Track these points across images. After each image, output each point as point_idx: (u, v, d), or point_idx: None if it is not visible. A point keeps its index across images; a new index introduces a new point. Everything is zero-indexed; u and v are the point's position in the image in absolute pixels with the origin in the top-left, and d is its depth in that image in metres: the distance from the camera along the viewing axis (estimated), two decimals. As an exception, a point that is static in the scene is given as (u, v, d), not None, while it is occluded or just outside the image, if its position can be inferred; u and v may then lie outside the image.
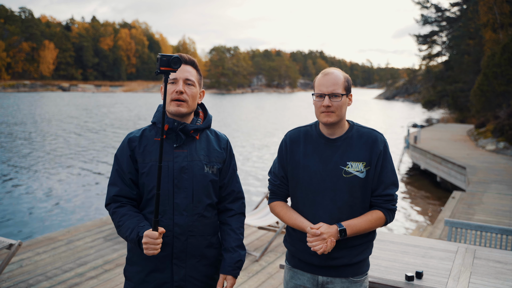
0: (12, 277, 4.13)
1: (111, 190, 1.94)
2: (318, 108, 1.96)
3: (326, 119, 1.94)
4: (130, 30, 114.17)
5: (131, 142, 1.95)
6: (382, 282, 2.56)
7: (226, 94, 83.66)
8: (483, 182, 10.22)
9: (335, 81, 1.94)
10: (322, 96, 1.94)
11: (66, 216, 9.23)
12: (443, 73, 36.09)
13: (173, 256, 1.90)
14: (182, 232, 1.90)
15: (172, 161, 1.90)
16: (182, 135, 1.93)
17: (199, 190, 1.93)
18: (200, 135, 2.00)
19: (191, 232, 1.92)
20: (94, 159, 15.89)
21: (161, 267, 1.90)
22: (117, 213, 1.90)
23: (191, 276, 1.93)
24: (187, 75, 1.93)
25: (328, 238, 1.88)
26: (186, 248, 1.91)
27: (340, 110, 1.94)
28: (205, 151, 1.98)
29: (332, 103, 1.92)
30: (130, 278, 1.96)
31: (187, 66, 1.95)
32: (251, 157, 17.46)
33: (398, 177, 2.04)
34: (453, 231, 3.91)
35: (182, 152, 1.92)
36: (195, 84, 1.96)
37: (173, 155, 1.91)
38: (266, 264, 4.65)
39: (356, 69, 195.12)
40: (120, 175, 1.93)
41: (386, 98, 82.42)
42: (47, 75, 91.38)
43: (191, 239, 1.92)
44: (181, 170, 1.90)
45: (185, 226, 1.90)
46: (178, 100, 1.91)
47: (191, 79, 1.94)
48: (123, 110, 39.62)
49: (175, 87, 1.92)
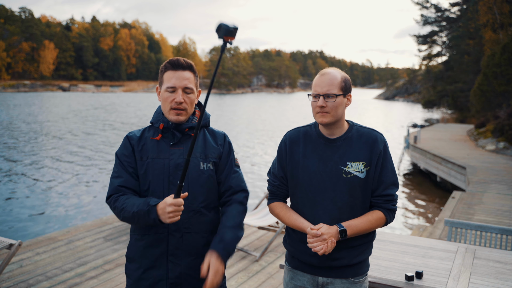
0: (12, 277, 4.13)
1: (115, 182, 1.93)
2: (314, 108, 1.97)
3: (321, 120, 1.95)
4: (130, 30, 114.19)
5: (131, 140, 1.98)
6: (382, 282, 2.55)
7: (226, 94, 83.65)
8: (483, 182, 10.22)
9: (330, 81, 1.93)
10: (317, 97, 1.95)
11: (66, 216, 9.23)
12: (443, 73, 36.10)
13: (168, 253, 1.90)
14: (176, 228, 1.90)
15: (168, 158, 1.92)
16: (177, 134, 1.95)
17: (194, 187, 1.93)
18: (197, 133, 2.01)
19: (187, 229, 1.91)
20: (94, 159, 15.89)
21: (157, 264, 1.90)
22: (119, 200, 1.88)
23: (188, 274, 1.92)
24: (185, 83, 1.92)
25: (328, 239, 1.87)
26: (181, 245, 1.90)
27: (335, 111, 1.93)
28: (202, 148, 1.99)
29: (326, 104, 1.92)
30: (129, 275, 1.97)
31: (185, 72, 1.94)
32: (251, 157, 17.45)
33: (398, 177, 2.04)
34: (453, 231, 3.91)
35: (178, 149, 1.94)
36: (193, 90, 1.96)
37: (169, 153, 1.93)
38: (266, 264, 4.65)
39: (356, 69, 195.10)
40: (124, 167, 1.94)
41: (386, 98, 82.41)
42: (47, 75, 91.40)
43: (187, 236, 1.91)
44: (177, 167, 1.91)
45: (180, 222, 1.89)
46: (177, 109, 1.92)
47: (189, 86, 1.93)
48: (131, 110, 39.63)
49: (174, 96, 1.92)
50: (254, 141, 21.96)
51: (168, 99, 1.92)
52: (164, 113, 1.96)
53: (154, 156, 1.93)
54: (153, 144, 1.95)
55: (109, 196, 1.93)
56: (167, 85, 1.92)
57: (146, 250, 1.92)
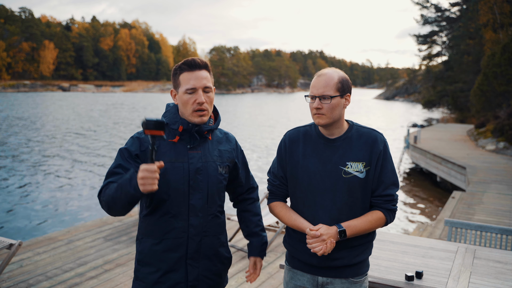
0: (12, 277, 4.13)
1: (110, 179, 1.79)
2: (311, 110, 1.97)
3: (318, 121, 1.95)
4: (130, 30, 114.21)
5: (143, 142, 1.87)
6: (382, 282, 2.55)
7: (226, 94, 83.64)
8: (483, 182, 10.22)
9: (326, 83, 1.93)
10: (314, 98, 1.95)
11: (66, 216, 9.23)
12: (443, 73, 36.11)
13: (187, 257, 1.89)
14: (197, 233, 1.89)
15: (187, 162, 1.87)
16: (197, 136, 1.91)
17: (213, 191, 1.93)
18: (211, 136, 2.00)
19: (205, 233, 1.92)
20: (95, 159, 15.89)
21: (176, 267, 1.88)
22: (110, 187, 1.75)
23: (204, 276, 1.94)
24: (204, 82, 1.87)
25: (327, 239, 1.87)
26: (200, 248, 1.91)
27: (331, 112, 1.93)
28: (218, 151, 1.98)
29: (322, 105, 1.92)
30: (142, 279, 1.92)
31: (202, 71, 1.88)
32: (250, 157, 17.45)
33: (398, 177, 2.03)
34: (453, 231, 3.91)
35: (196, 153, 1.90)
36: (212, 89, 1.92)
37: (188, 156, 1.88)
38: (266, 264, 4.65)
39: (356, 69, 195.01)
40: (124, 167, 1.82)
41: (386, 98, 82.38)
42: (47, 75, 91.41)
43: (205, 239, 1.92)
44: (196, 171, 1.88)
45: (200, 227, 1.90)
46: (200, 110, 1.86)
47: (208, 85, 1.89)
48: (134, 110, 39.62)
49: (195, 97, 1.85)
50: (254, 141, 21.96)
51: (189, 101, 1.85)
52: (186, 116, 1.89)
53: (173, 160, 1.85)
54: (170, 146, 1.87)
55: (100, 191, 1.80)
56: (186, 87, 1.85)
57: (164, 254, 1.87)
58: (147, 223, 1.91)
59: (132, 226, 5.77)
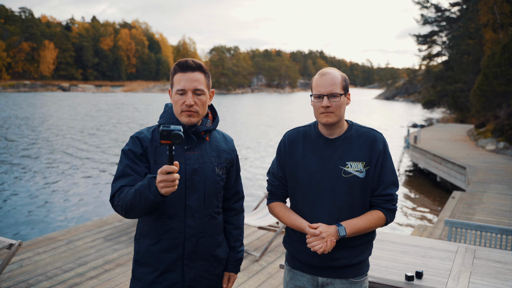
0: (12, 277, 4.13)
1: (120, 182, 1.83)
2: (317, 109, 1.95)
3: (326, 120, 1.94)
4: (130, 30, 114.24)
5: (143, 141, 1.89)
6: (382, 282, 2.55)
7: (226, 94, 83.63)
8: (483, 182, 10.22)
9: (333, 81, 1.93)
10: (321, 97, 1.94)
11: (66, 216, 9.24)
12: (443, 73, 36.12)
13: (184, 257, 1.89)
14: (193, 234, 1.89)
15: (184, 163, 1.87)
16: (193, 137, 1.91)
17: (210, 192, 1.92)
18: (209, 136, 1.99)
19: (202, 234, 1.92)
20: (95, 159, 15.89)
21: (173, 268, 1.89)
22: (124, 191, 1.78)
23: (201, 276, 1.94)
24: (195, 84, 1.86)
25: (327, 238, 1.87)
26: (197, 249, 1.91)
27: (339, 110, 1.94)
28: (216, 152, 1.97)
29: (331, 104, 1.92)
30: (139, 279, 1.93)
31: (195, 73, 1.87)
32: (250, 157, 17.45)
33: (398, 177, 2.03)
34: (453, 231, 3.91)
35: (193, 154, 1.90)
36: (204, 91, 1.89)
37: (185, 157, 1.88)
38: (266, 264, 4.65)
39: (356, 69, 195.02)
40: (131, 167, 1.85)
41: (386, 98, 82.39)
42: (47, 75, 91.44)
43: (202, 240, 1.92)
44: (193, 172, 1.88)
45: (197, 228, 1.89)
46: (188, 111, 1.87)
47: (199, 88, 1.87)
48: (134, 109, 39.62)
49: (184, 98, 1.86)
50: (254, 141, 21.95)
51: (178, 102, 1.87)
52: (176, 115, 1.91)
53: None
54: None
55: (112, 195, 1.83)
56: (176, 88, 1.87)
57: (161, 255, 1.88)
58: (145, 223, 1.92)
59: (132, 226, 5.77)
